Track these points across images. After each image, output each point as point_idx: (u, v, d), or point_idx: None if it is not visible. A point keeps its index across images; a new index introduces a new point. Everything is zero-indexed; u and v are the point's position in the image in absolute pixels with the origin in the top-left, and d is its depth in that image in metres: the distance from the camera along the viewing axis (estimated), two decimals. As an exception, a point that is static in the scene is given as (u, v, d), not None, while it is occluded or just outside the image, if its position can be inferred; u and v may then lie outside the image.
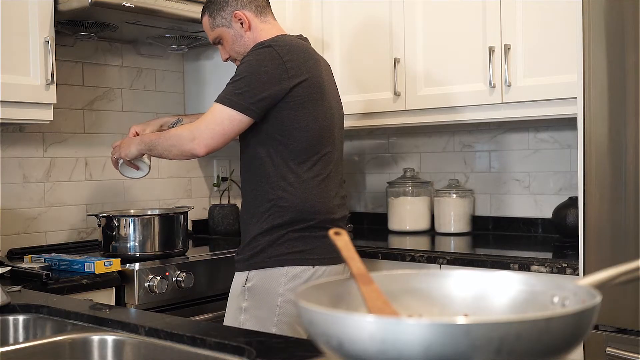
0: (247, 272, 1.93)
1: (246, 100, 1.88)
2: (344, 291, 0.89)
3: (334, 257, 1.91)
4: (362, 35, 3.02)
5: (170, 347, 1.24)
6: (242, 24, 2.04)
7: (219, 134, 1.89)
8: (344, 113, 3.07)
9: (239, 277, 1.96)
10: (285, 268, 1.90)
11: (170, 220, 2.44)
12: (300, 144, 1.93)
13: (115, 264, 2.15)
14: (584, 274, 2.02)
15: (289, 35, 2.04)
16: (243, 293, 1.93)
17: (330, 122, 2.01)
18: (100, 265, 2.12)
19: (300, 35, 2.10)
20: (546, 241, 2.77)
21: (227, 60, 2.13)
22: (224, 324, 1.96)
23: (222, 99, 1.90)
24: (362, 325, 0.69)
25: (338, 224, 1.98)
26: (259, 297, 1.91)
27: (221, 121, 1.89)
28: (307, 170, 1.94)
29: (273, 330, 1.86)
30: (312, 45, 2.11)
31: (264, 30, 2.05)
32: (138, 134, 2.21)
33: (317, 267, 1.92)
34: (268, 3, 2.13)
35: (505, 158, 3.05)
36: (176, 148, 1.97)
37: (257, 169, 1.96)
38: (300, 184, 1.92)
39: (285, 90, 1.89)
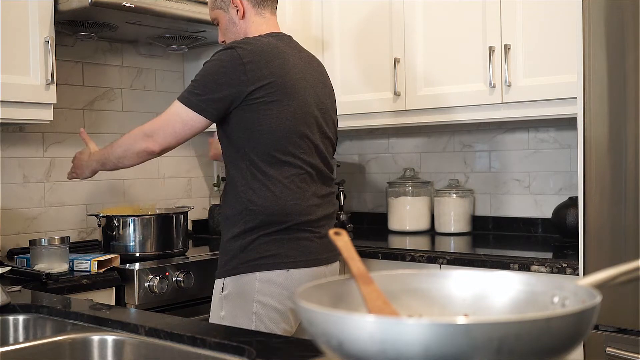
0: (223, 279, 1.89)
1: (203, 101, 1.85)
2: (344, 291, 0.88)
3: (310, 259, 1.88)
4: (362, 35, 3.02)
5: (170, 347, 1.24)
6: (237, 11, 2.01)
7: (172, 134, 1.88)
8: (344, 113, 3.10)
9: (217, 285, 1.92)
10: (258, 273, 1.84)
11: (170, 220, 2.44)
12: (266, 146, 1.87)
13: (115, 259, 2.17)
14: (584, 274, 2.02)
15: (264, 36, 1.97)
16: (221, 301, 1.90)
17: (304, 121, 1.92)
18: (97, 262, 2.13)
19: (280, 34, 2.03)
20: (546, 241, 2.77)
21: (222, 42, 2.08)
22: None
23: (182, 97, 1.88)
24: (362, 325, 0.69)
25: (317, 224, 1.92)
26: (235, 305, 1.87)
27: (176, 120, 1.87)
28: (276, 171, 1.87)
29: None
30: (302, 43, 2.07)
31: (255, 23, 2.01)
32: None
33: (291, 270, 1.85)
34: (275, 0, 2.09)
35: (505, 158, 3.05)
36: (130, 151, 1.94)
37: (230, 172, 1.94)
38: (270, 187, 1.86)
39: (244, 93, 1.84)
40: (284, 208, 1.86)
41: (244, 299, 1.85)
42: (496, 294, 0.88)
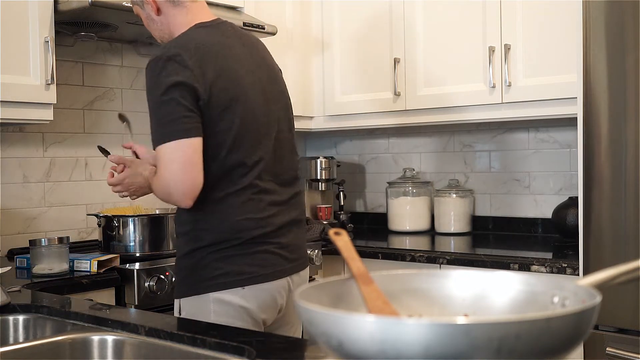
0: (179, 300, 1.72)
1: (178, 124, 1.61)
2: (344, 291, 0.88)
3: (270, 272, 1.70)
4: (362, 35, 3.02)
5: (170, 347, 1.24)
6: (152, 7, 1.80)
7: (186, 170, 1.60)
8: (345, 113, 3.10)
9: (175, 305, 1.75)
10: (212, 294, 1.66)
11: (170, 221, 2.43)
12: (211, 159, 1.67)
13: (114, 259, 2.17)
14: (584, 274, 2.02)
15: (193, 31, 1.73)
16: None
17: (253, 125, 1.72)
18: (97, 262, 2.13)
19: (212, 23, 1.78)
20: (546, 241, 2.77)
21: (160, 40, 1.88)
22: None
23: (158, 140, 1.62)
24: (362, 325, 0.69)
25: (276, 234, 1.73)
26: None
27: (172, 159, 1.61)
28: (223, 186, 1.68)
29: None
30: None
31: (176, 16, 1.78)
32: (137, 155, 1.99)
33: (247, 287, 1.67)
34: None
35: (505, 158, 3.05)
36: (170, 202, 1.69)
37: None
38: (217, 204, 1.68)
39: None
40: (233, 226, 1.67)
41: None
42: (496, 294, 0.88)
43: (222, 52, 1.70)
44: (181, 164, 1.59)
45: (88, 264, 2.15)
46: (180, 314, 1.72)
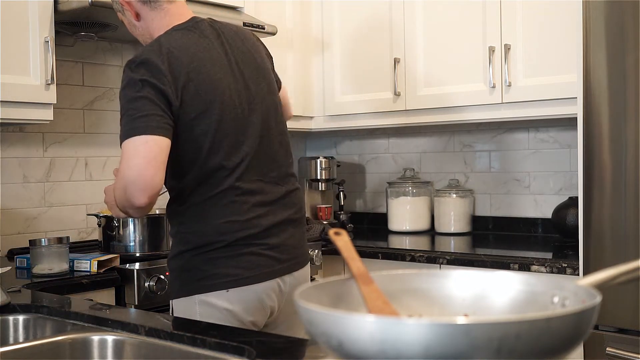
0: (171, 301, 1.73)
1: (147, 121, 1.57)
2: (344, 291, 0.88)
3: (257, 274, 1.67)
4: (362, 35, 3.02)
5: (170, 347, 1.24)
6: (130, 13, 1.78)
7: (149, 166, 1.53)
8: (345, 113, 3.10)
9: (170, 306, 1.75)
10: (197, 296, 1.65)
11: (170, 220, 2.44)
12: (193, 163, 1.66)
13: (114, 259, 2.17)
14: (584, 274, 2.02)
15: (172, 31, 1.70)
16: None
17: (238, 128, 1.69)
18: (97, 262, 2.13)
19: (189, 24, 1.75)
20: (546, 241, 2.77)
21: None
22: None
23: (127, 134, 1.56)
24: (362, 325, 0.69)
25: (264, 235, 1.70)
26: None
27: (136, 153, 1.54)
28: (206, 189, 1.66)
29: None
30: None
31: (155, 20, 1.75)
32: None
33: (231, 289, 1.65)
34: None
35: (505, 158, 3.05)
36: (127, 208, 1.59)
37: (168, 190, 1.75)
38: (200, 206, 1.66)
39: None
40: (216, 229, 1.65)
41: None
42: (496, 294, 0.88)
43: (197, 55, 1.67)
44: (145, 158, 1.52)
45: (88, 264, 2.15)
46: (172, 315, 1.72)
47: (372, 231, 3.29)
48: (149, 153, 1.53)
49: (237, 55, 1.76)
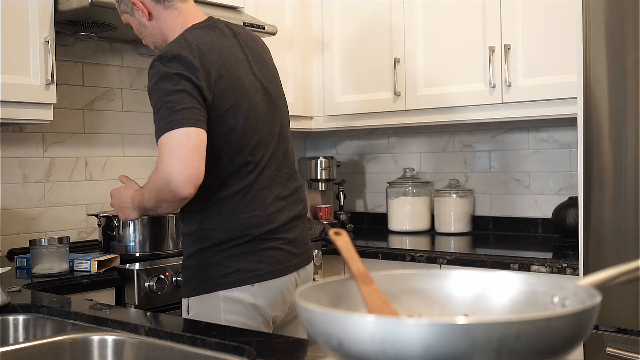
0: (187, 300, 1.73)
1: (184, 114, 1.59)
2: (344, 291, 0.88)
3: (277, 269, 1.71)
4: (362, 35, 3.02)
5: (170, 347, 1.24)
6: (142, 12, 1.78)
7: (193, 157, 1.56)
8: (345, 113, 3.10)
9: (183, 305, 1.76)
10: (221, 292, 1.67)
11: (170, 221, 2.43)
12: (216, 159, 1.67)
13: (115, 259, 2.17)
14: (584, 274, 2.02)
15: (189, 32, 1.71)
16: None
17: (255, 125, 1.73)
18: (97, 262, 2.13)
19: (207, 23, 1.77)
20: (546, 241, 2.77)
21: (152, 45, 1.88)
22: None
23: (166, 127, 1.58)
24: (362, 325, 0.69)
25: (282, 230, 1.74)
26: None
27: (180, 145, 1.55)
28: (229, 184, 1.69)
29: None
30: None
31: (169, 19, 1.76)
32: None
33: (256, 284, 1.68)
34: None
35: (505, 158, 3.05)
36: (165, 201, 1.62)
37: None
38: (223, 202, 1.68)
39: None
40: (240, 224, 1.68)
41: (212, 320, 1.62)
42: (496, 294, 0.88)
43: (222, 52, 1.70)
44: (190, 149, 1.55)
45: (88, 264, 2.15)
46: (188, 314, 1.72)
47: (372, 231, 3.29)
48: (192, 144, 1.56)
49: (254, 56, 1.81)
